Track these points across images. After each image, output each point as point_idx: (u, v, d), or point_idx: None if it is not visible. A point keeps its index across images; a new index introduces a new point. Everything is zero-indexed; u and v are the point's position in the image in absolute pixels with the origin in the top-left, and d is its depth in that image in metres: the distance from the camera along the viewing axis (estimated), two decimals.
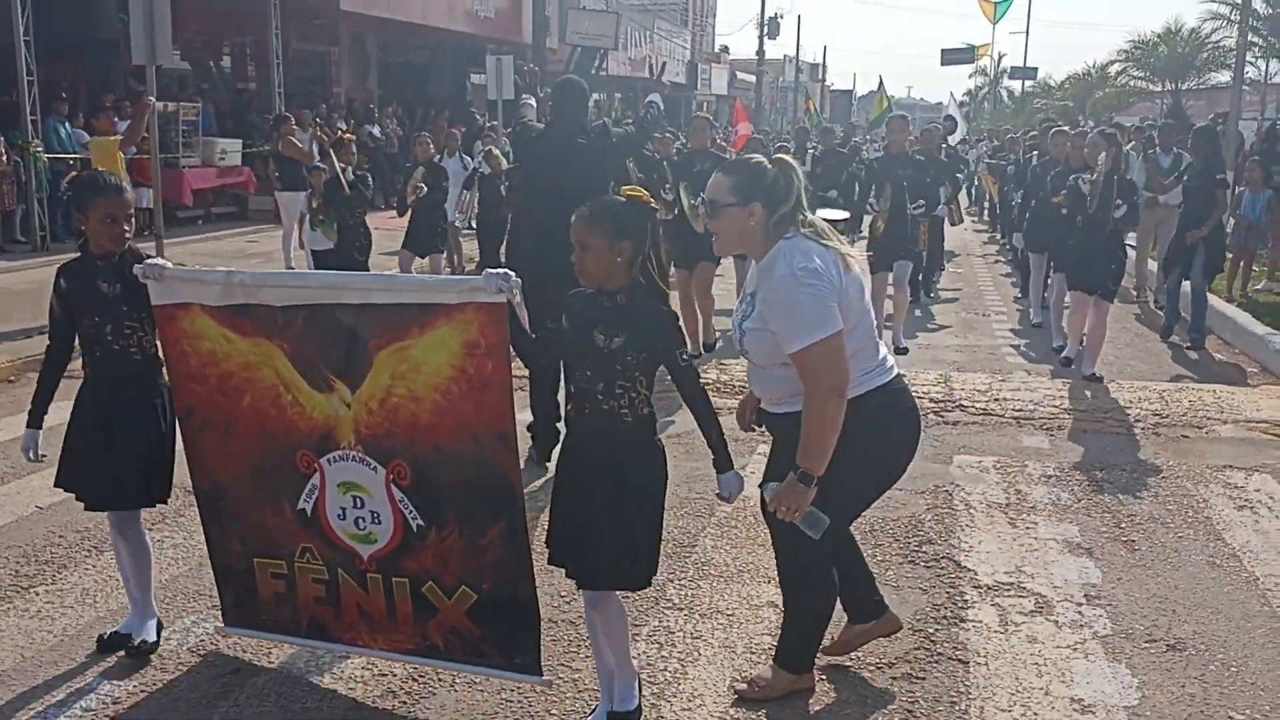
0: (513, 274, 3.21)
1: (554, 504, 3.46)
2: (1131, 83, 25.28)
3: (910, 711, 3.63)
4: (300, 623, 3.80)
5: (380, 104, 23.42)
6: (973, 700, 3.71)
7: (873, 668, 3.92)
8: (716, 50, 50.03)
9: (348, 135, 10.47)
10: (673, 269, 8.67)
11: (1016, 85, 59.91)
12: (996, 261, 16.36)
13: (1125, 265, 8.16)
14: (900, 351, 8.55)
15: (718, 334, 9.34)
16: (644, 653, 4.00)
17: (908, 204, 8.83)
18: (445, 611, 3.54)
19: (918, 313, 11.25)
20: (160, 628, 4.05)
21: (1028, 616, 4.36)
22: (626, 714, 3.42)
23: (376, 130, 20.50)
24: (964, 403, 7.67)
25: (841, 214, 11.76)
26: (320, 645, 3.87)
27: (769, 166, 3.42)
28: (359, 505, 3.54)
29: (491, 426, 3.31)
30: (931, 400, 7.70)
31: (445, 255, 11.84)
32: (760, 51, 50.32)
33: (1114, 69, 25.90)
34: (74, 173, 5.72)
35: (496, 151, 11.72)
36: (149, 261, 3.65)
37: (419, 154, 11.27)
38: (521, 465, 3.56)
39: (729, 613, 4.36)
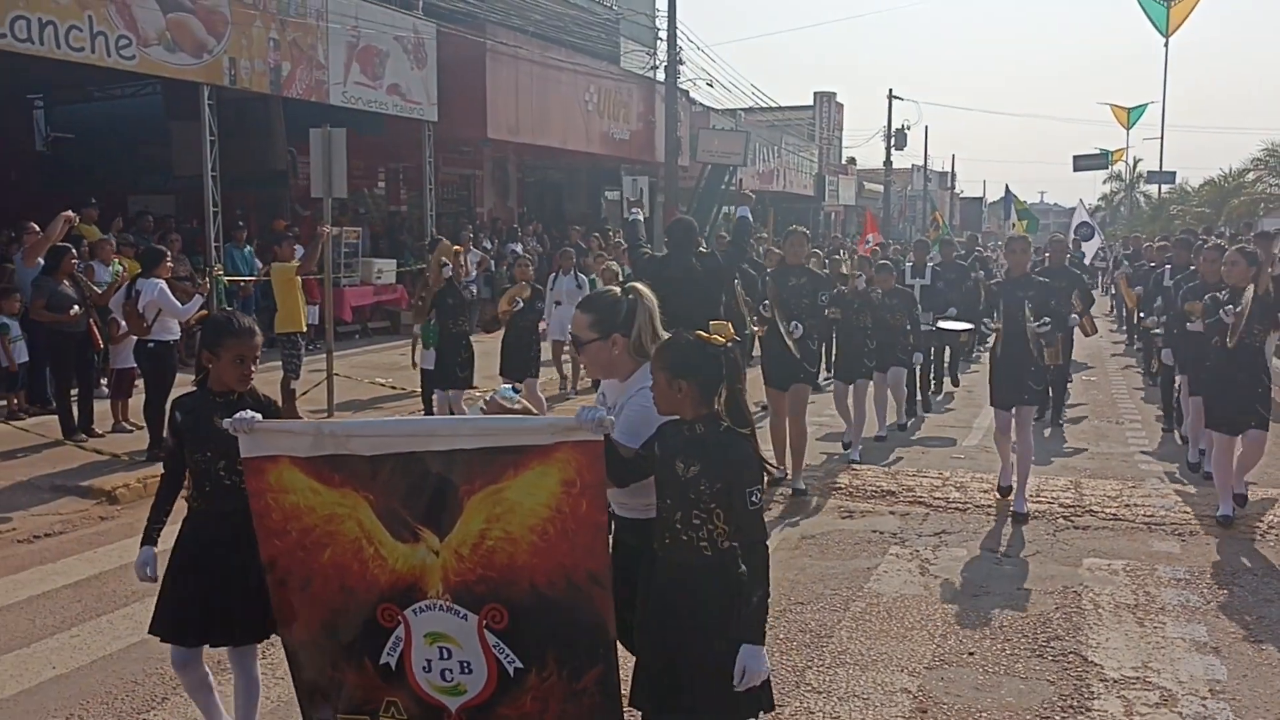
0: (605, 411, 3.29)
1: (641, 649, 3.41)
2: (1268, 189, 25.05)
3: None
4: None
5: (521, 222, 24.70)
6: None
7: None
8: (844, 161, 50.86)
9: (458, 248, 10.38)
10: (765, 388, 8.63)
11: (1153, 189, 58.95)
12: (1132, 369, 16.09)
13: (1271, 386, 7.38)
14: (1019, 519, 7.43)
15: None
16: None
17: (1029, 331, 7.57)
18: None
19: (1045, 432, 10.83)
20: None
21: (1152, 708, 4.59)
22: None
23: (519, 248, 21.65)
24: (1094, 508, 7.86)
25: (964, 325, 11.88)
26: None
27: (621, 298, 3.63)
28: (446, 656, 3.44)
29: (586, 566, 3.27)
30: (1061, 505, 7.92)
31: (538, 378, 10.65)
32: (888, 161, 50.96)
33: (1250, 176, 25.72)
34: (205, 311, 6.30)
35: (614, 267, 12.18)
36: (238, 416, 3.53)
37: (432, 280, 9.88)
38: None
39: (864, 696, 4.71)
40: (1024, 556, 6.69)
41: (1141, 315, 12.51)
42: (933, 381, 13.48)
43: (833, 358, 11.18)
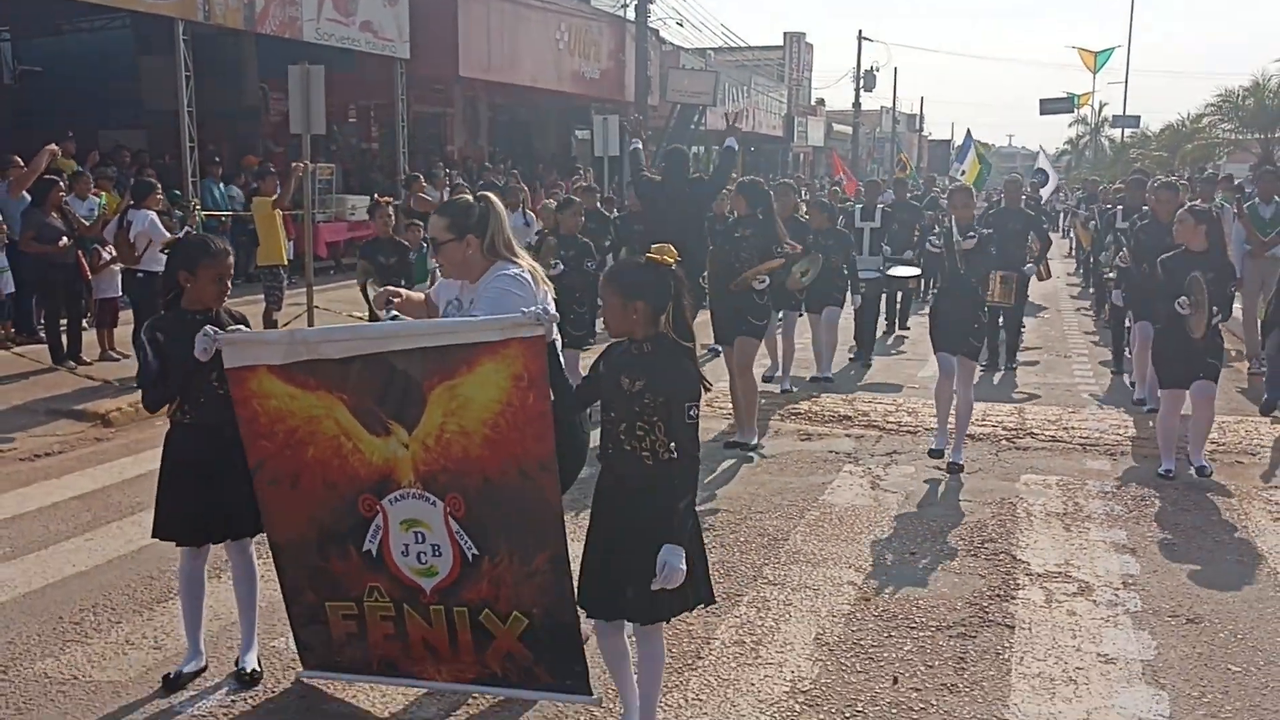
0: (551, 309, 3.61)
1: (587, 549, 3.63)
2: (1222, 134, 25.68)
3: (962, 659, 4.47)
4: (371, 662, 4.02)
5: (492, 160, 24.89)
6: (1014, 653, 4.53)
7: (933, 629, 4.77)
8: (813, 103, 51.02)
9: (384, 199, 9.93)
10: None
11: (1117, 133, 59.52)
12: (1086, 314, 16.15)
13: (1222, 344, 7.22)
14: (953, 469, 7.24)
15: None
16: (744, 614, 4.91)
17: (956, 247, 7.33)
18: (501, 638, 3.76)
19: (995, 380, 10.71)
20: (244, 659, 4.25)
21: (1070, 596, 5.15)
22: None
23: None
24: (1034, 431, 8.43)
25: (913, 271, 11.96)
26: (389, 682, 4.08)
27: (474, 202, 3.98)
28: (420, 540, 3.76)
29: (535, 456, 3.54)
30: (1004, 429, 8.48)
31: None
32: (857, 103, 51.17)
33: (1205, 121, 26.32)
34: (176, 236, 6.48)
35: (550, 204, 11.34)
36: (204, 331, 3.79)
37: (378, 228, 9.53)
38: None
39: (814, 588, 5.24)
40: (967, 473, 7.24)
41: (1098, 259, 12.24)
42: (886, 323, 13.48)
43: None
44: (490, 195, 4.11)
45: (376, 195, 12.47)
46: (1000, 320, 10.95)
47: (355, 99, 23.13)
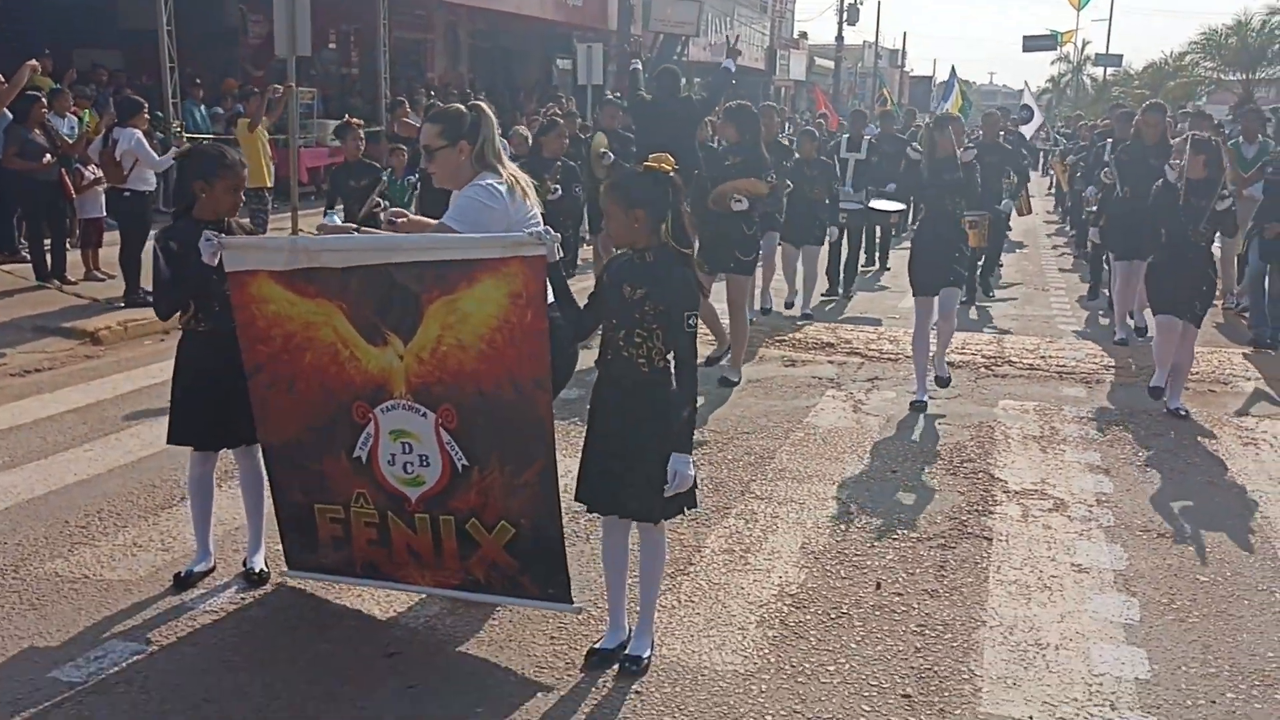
0: (552, 230, 3.66)
1: (587, 450, 3.72)
2: (1204, 73, 25.77)
3: (942, 568, 4.65)
4: (355, 564, 4.12)
5: (473, 88, 24.66)
6: (991, 562, 4.72)
7: (914, 540, 4.95)
8: (795, 36, 50.57)
9: (354, 121, 9.67)
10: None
11: (1100, 72, 59.33)
12: (1064, 254, 16.10)
13: (1215, 286, 7.19)
14: (941, 383, 7.32)
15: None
16: (732, 525, 5.07)
17: (956, 212, 7.25)
18: (486, 546, 3.84)
19: (972, 314, 10.65)
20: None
21: (1045, 512, 5.35)
22: (635, 659, 3.73)
23: None
24: (1013, 359, 8.62)
25: (896, 205, 11.80)
26: (373, 584, 4.17)
27: (466, 111, 4.03)
28: (407, 450, 3.84)
29: (530, 373, 3.62)
30: (984, 357, 8.66)
31: None
32: (839, 37, 50.68)
33: (1188, 59, 26.38)
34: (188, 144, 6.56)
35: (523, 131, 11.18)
36: (208, 235, 3.90)
37: (348, 152, 9.29)
38: None
39: (800, 502, 5.41)
40: (946, 398, 7.41)
41: (1084, 195, 11.79)
42: (866, 255, 13.27)
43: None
44: (481, 104, 4.15)
45: (347, 117, 12.35)
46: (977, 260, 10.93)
47: (336, 24, 22.80)
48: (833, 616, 4.20)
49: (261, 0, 20.68)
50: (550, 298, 3.64)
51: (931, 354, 7.35)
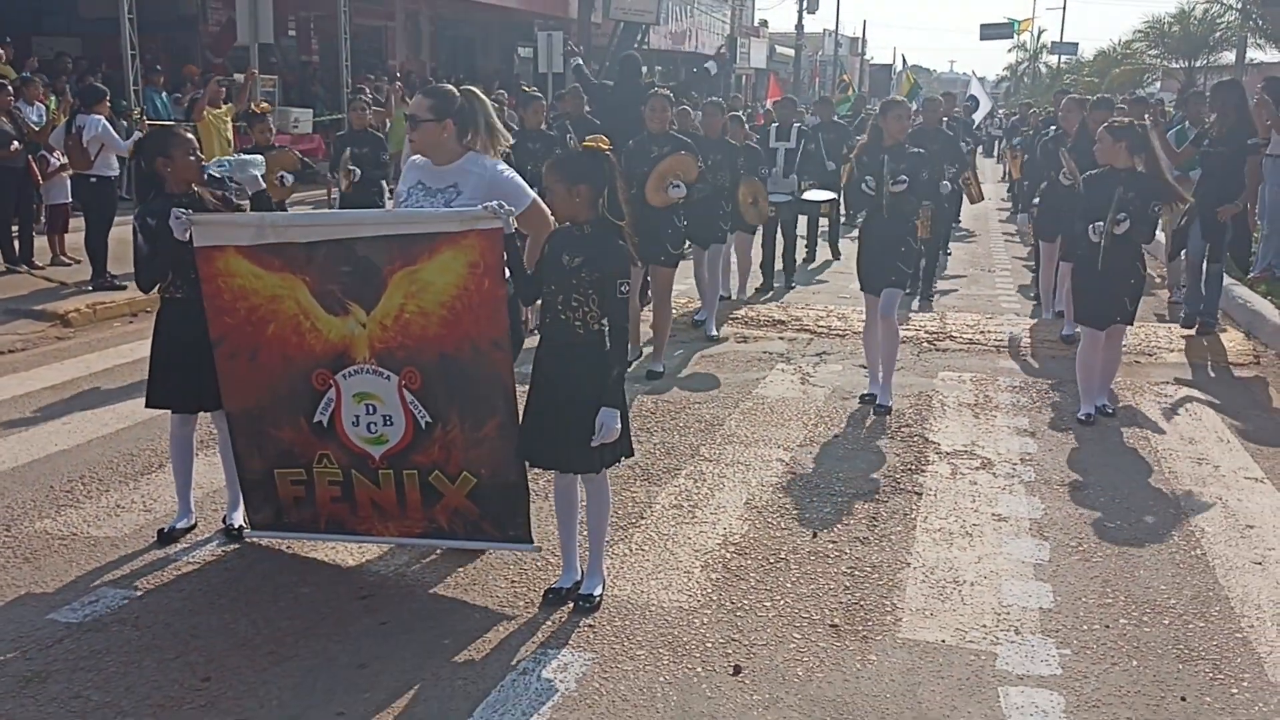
0: (506, 204, 3.90)
1: (528, 408, 4.03)
2: (1149, 60, 26.52)
3: (874, 519, 5.04)
4: (319, 521, 4.37)
5: (435, 77, 24.82)
6: (920, 513, 5.12)
7: (850, 495, 5.34)
8: (756, 24, 50.94)
9: (262, 107, 9.54)
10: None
11: (1055, 60, 60.21)
12: (1011, 241, 16.00)
13: (1145, 280, 6.71)
14: (880, 410, 6.73)
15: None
16: (682, 484, 5.43)
17: (904, 207, 6.76)
18: (449, 495, 4.15)
19: (914, 304, 10.38)
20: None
21: (973, 470, 5.75)
22: (587, 596, 4.08)
23: None
24: (953, 334, 9.04)
25: (827, 195, 11.25)
26: (337, 539, 4.46)
27: (458, 94, 4.29)
28: (371, 412, 4.13)
29: (489, 334, 3.94)
30: (926, 333, 9.07)
31: None
32: (799, 25, 51.14)
33: (1134, 47, 27.11)
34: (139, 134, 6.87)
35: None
36: (177, 213, 4.16)
37: (354, 120, 9.56)
38: None
39: (746, 464, 5.78)
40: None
41: (1025, 183, 11.32)
42: (807, 250, 12.99)
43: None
44: (475, 90, 4.44)
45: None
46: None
47: (294, 10, 22.89)
48: (771, 561, 4.57)
49: None
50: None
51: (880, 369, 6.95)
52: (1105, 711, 3.49)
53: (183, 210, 4.21)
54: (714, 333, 8.85)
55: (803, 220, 12.41)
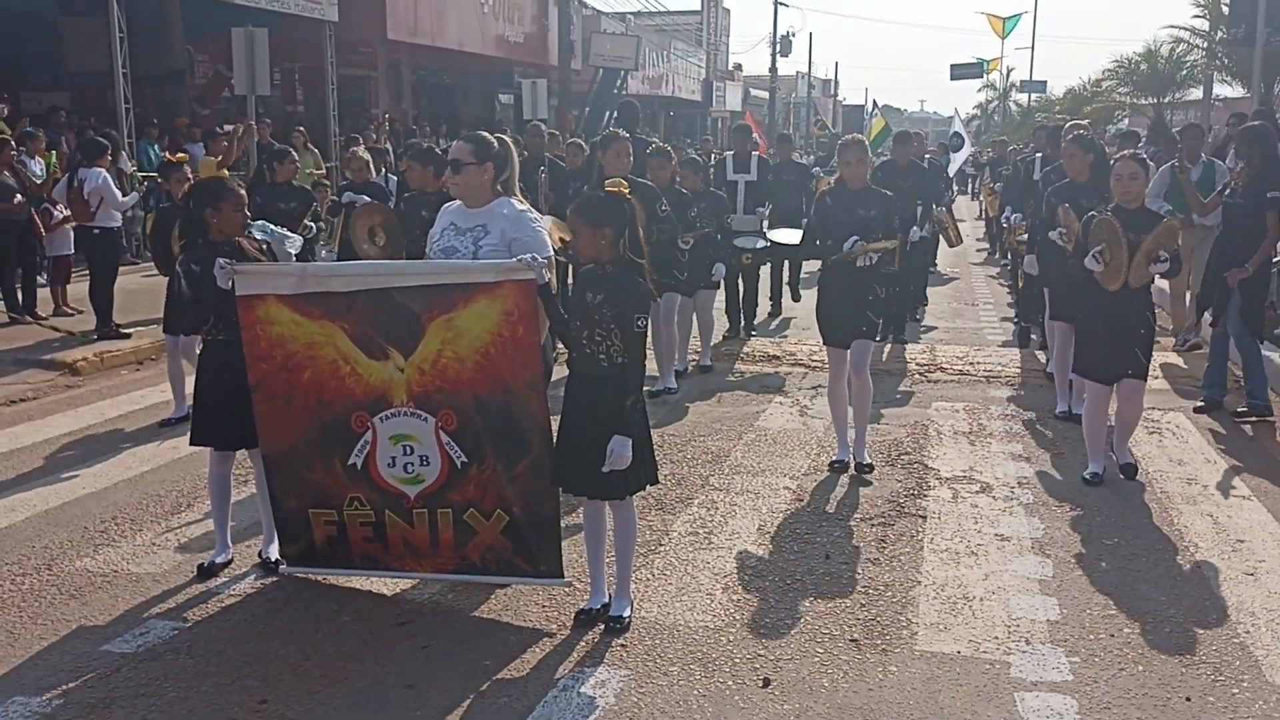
0: (539, 256, 4.10)
1: (559, 438, 4.22)
2: (1119, 98, 27.27)
3: (882, 541, 5.26)
4: (352, 559, 4.56)
5: (417, 125, 25.14)
6: (926, 534, 5.34)
7: (858, 519, 5.56)
8: (730, 68, 51.77)
9: (178, 157, 9.08)
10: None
11: (1025, 98, 61.32)
12: (993, 280, 15.65)
13: (1154, 327, 6.11)
14: (862, 469, 6.32)
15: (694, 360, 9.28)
16: (695, 513, 5.64)
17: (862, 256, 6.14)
18: (484, 533, 4.35)
19: (885, 349, 9.71)
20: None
21: (973, 493, 5.98)
22: (618, 618, 4.26)
23: None
24: (944, 366, 9.31)
25: (796, 234, 9.68)
26: (370, 574, 4.64)
27: (494, 141, 4.51)
28: (409, 453, 4.32)
29: (523, 377, 4.15)
30: (917, 365, 9.34)
31: None
32: (773, 69, 52.06)
33: (1104, 85, 27.86)
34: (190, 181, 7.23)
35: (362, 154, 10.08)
36: (221, 263, 4.39)
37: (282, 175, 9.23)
38: None
39: (755, 492, 5.99)
40: (884, 403, 8.05)
41: (1006, 219, 10.58)
42: (771, 303, 12.03)
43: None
44: (507, 138, 4.69)
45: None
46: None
47: (279, 62, 23.15)
48: (788, 583, 4.77)
49: (208, 40, 21.23)
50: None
51: (852, 432, 6.45)
52: (1116, 712, 3.70)
53: (227, 260, 4.42)
54: (708, 363, 9.05)
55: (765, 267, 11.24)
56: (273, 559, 4.82)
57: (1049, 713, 3.70)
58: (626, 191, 4.18)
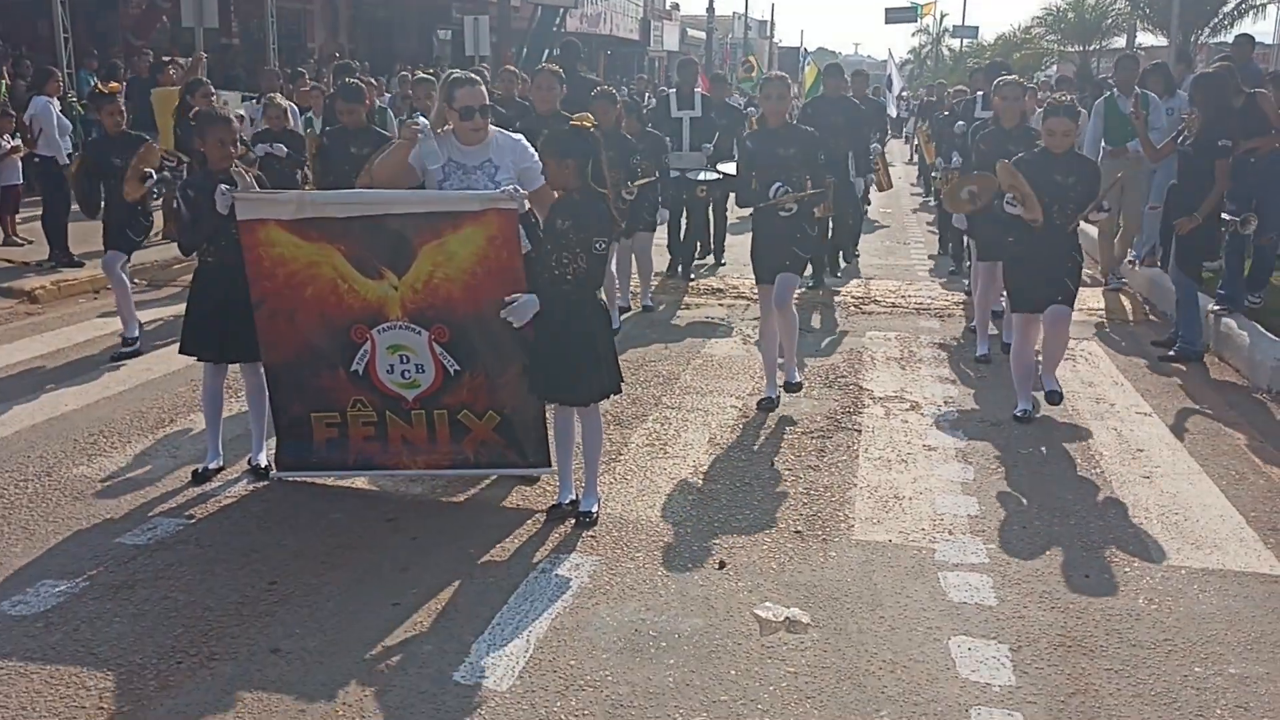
0: (521, 188, 4.54)
1: (533, 350, 4.61)
2: (1047, 45, 28.04)
3: (822, 450, 5.77)
4: (349, 459, 4.92)
5: (354, 59, 24.94)
6: (860, 445, 5.86)
7: (799, 432, 6.06)
8: (668, 7, 51.65)
9: (111, 87, 8.23)
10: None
11: (957, 44, 61.99)
12: (930, 230, 14.74)
13: (1083, 260, 6.40)
14: (791, 388, 6.59)
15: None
16: (651, 427, 6.10)
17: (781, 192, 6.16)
18: (477, 430, 4.82)
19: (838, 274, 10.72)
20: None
21: (904, 410, 6.52)
22: (587, 513, 4.72)
23: None
24: (877, 299, 9.85)
25: (713, 175, 10.18)
26: (365, 474, 5.03)
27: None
28: (405, 361, 4.73)
29: (507, 296, 4.49)
30: (853, 298, 9.86)
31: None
32: (710, 9, 52.00)
33: (1033, 32, 28.62)
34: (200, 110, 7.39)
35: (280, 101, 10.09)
36: (222, 189, 4.66)
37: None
38: None
39: (704, 410, 6.47)
40: (823, 332, 8.57)
41: (939, 166, 10.72)
42: (714, 246, 11.72)
43: None
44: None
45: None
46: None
47: None
48: (738, 486, 5.26)
49: None
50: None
51: (781, 373, 6.66)
52: (1025, 587, 4.25)
53: (228, 187, 4.70)
54: (650, 302, 9.26)
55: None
56: (262, 464, 5.17)
57: (967, 588, 4.23)
58: (590, 126, 4.54)
